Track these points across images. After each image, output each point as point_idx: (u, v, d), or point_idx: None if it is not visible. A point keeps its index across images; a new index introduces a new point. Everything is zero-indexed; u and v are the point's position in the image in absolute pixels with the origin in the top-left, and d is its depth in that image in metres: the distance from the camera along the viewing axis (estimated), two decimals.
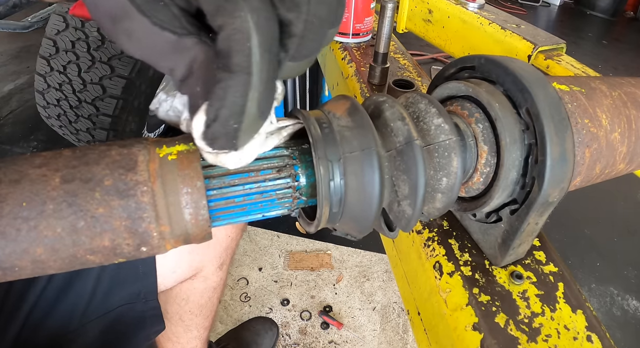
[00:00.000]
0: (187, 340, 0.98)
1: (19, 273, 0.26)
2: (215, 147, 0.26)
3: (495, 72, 0.37)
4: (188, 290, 0.92)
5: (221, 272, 0.96)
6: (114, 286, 0.75)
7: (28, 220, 0.25)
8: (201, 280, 0.92)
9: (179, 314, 0.93)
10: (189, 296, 0.92)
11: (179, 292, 0.91)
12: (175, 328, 0.95)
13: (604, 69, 3.51)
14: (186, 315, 0.94)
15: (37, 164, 0.27)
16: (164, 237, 0.28)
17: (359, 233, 0.36)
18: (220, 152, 0.27)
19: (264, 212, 0.33)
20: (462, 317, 0.37)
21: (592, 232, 1.94)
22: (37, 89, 1.50)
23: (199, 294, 0.93)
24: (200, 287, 0.92)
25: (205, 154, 0.28)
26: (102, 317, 0.74)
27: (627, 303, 1.65)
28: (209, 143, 0.25)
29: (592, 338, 0.36)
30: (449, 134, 0.34)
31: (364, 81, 0.72)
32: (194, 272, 0.89)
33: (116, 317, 0.76)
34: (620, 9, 4.65)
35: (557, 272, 0.42)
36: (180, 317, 0.94)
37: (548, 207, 0.36)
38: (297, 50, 0.26)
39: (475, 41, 0.81)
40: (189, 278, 0.90)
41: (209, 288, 0.94)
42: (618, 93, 0.41)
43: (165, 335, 0.97)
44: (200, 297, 0.94)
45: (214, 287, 0.95)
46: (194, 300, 0.93)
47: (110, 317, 0.75)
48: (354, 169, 0.31)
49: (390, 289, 1.61)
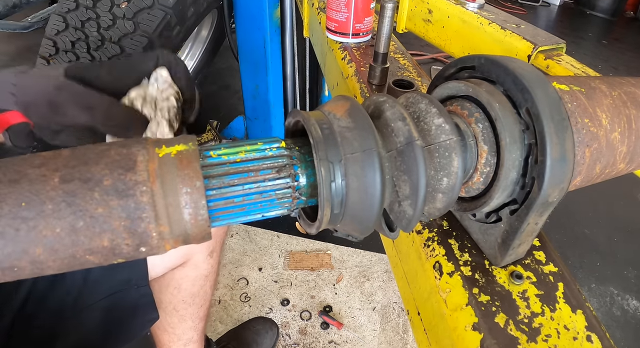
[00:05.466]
0: (182, 331, 0.98)
1: (17, 274, 0.26)
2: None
3: (495, 72, 0.37)
4: (180, 279, 0.92)
5: (212, 260, 0.97)
6: (104, 273, 0.77)
7: (27, 220, 0.25)
8: (192, 268, 0.93)
9: (172, 304, 0.94)
10: (181, 284, 0.93)
11: (170, 281, 0.92)
12: (170, 318, 0.96)
13: (604, 69, 3.51)
14: (180, 305, 0.95)
15: (37, 164, 0.27)
16: (163, 237, 0.28)
17: (360, 234, 0.36)
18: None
19: (264, 212, 0.33)
20: (462, 317, 0.37)
21: (592, 232, 1.94)
22: None
23: (191, 282, 0.94)
24: (191, 275, 0.93)
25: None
26: (96, 305, 0.75)
27: (627, 303, 1.65)
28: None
29: (592, 338, 0.36)
30: (450, 134, 0.34)
31: (364, 81, 0.72)
32: (183, 260, 0.90)
33: (109, 304, 0.77)
34: (620, 9, 4.65)
35: (557, 272, 0.41)
36: (174, 306, 0.95)
37: (548, 207, 0.36)
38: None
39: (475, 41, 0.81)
40: (179, 266, 0.91)
41: (200, 276, 0.95)
42: (618, 93, 0.41)
43: (161, 326, 0.97)
44: (192, 285, 0.94)
45: (205, 274, 0.96)
46: (186, 288, 0.94)
47: (103, 304, 0.76)
48: (355, 170, 0.31)
49: (390, 289, 1.61)
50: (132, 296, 0.80)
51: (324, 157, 0.31)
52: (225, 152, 0.31)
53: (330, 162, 0.31)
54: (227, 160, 0.31)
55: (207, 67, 2.20)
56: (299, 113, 0.34)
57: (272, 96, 1.81)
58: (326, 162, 0.31)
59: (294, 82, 1.73)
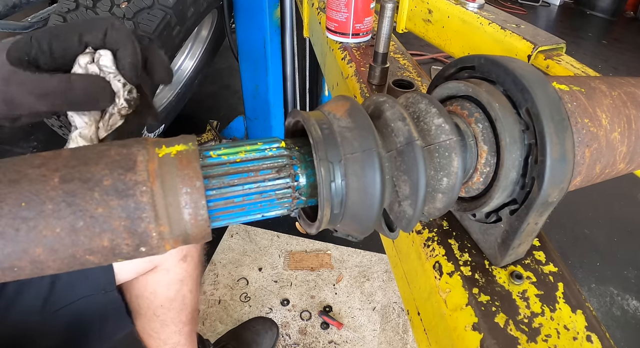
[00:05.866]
0: (167, 335, 0.98)
1: (17, 274, 0.26)
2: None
3: (495, 72, 0.37)
4: (154, 283, 0.92)
5: (185, 265, 0.95)
6: (72, 279, 0.77)
7: (27, 220, 0.25)
8: (163, 273, 0.92)
9: (151, 309, 0.94)
10: (156, 289, 0.92)
11: (145, 286, 0.92)
12: (152, 323, 0.96)
13: (604, 69, 3.51)
14: (159, 310, 0.94)
15: (37, 164, 0.27)
16: (163, 237, 0.28)
17: (360, 234, 0.36)
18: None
19: (264, 212, 0.33)
20: (462, 317, 0.37)
21: (592, 232, 1.94)
22: None
23: (165, 287, 0.93)
24: (163, 279, 0.92)
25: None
26: (63, 310, 0.76)
27: (627, 303, 1.65)
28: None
29: (591, 338, 0.36)
30: (450, 134, 0.34)
31: (363, 81, 0.72)
32: (152, 265, 0.89)
33: (78, 309, 0.77)
34: (620, 9, 4.65)
35: (557, 272, 0.42)
36: (154, 311, 0.94)
37: (548, 207, 0.36)
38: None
39: (475, 41, 0.81)
40: (150, 271, 0.90)
41: (175, 281, 0.94)
42: (618, 93, 0.41)
43: (145, 331, 0.97)
44: (167, 290, 0.93)
45: (179, 279, 0.95)
46: (162, 293, 0.93)
47: (72, 309, 0.76)
48: (355, 170, 0.31)
49: (390, 289, 1.61)
50: (100, 301, 0.80)
51: (323, 157, 0.31)
52: (225, 152, 0.31)
53: (330, 162, 0.31)
54: (227, 160, 0.31)
55: (207, 67, 2.20)
56: (299, 113, 0.34)
57: (272, 96, 1.81)
58: (326, 162, 0.31)
59: (294, 82, 1.73)
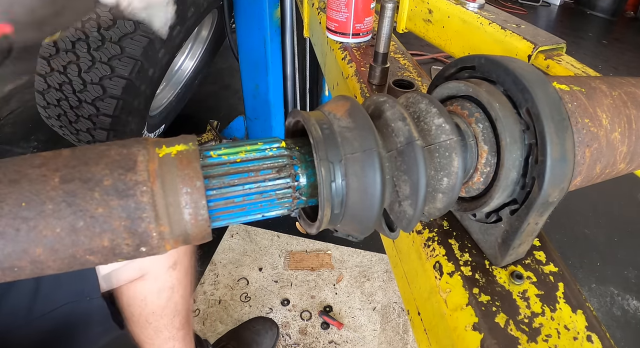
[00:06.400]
0: (161, 341, 0.98)
1: (18, 274, 0.26)
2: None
3: (496, 72, 0.37)
4: (144, 290, 0.92)
5: (175, 272, 0.94)
6: (56, 285, 0.77)
7: (27, 220, 0.25)
8: (152, 281, 0.92)
9: (143, 316, 0.94)
10: (146, 296, 0.92)
11: (135, 293, 0.92)
12: (145, 330, 0.96)
13: (604, 69, 3.51)
14: (150, 317, 0.94)
15: (37, 164, 0.27)
16: (163, 237, 0.28)
17: (360, 234, 0.36)
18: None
19: (264, 212, 0.33)
20: (462, 317, 0.37)
21: (592, 232, 1.94)
22: (37, 89, 1.50)
23: (155, 295, 0.93)
24: (153, 287, 0.92)
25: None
26: (48, 316, 0.76)
27: (627, 303, 1.65)
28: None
29: (592, 338, 0.36)
30: (450, 134, 0.34)
31: (364, 81, 0.72)
32: (140, 272, 0.89)
33: (62, 315, 0.77)
34: (620, 9, 4.65)
35: (557, 272, 0.41)
36: (146, 318, 0.94)
37: (548, 207, 0.36)
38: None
39: (475, 41, 0.81)
40: (139, 279, 0.90)
41: (165, 289, 0.94)
42: (618, 93, 0.41)
43: (140, 338, 0.98)
44: (157, 297, 0.93)
45: (169, 286, 0.94)
46: (152, 301, 0.93)
47: (56, 315, 0.77)
48: (356, 170, 0.31)
49: (391, 289, 1.61)
50: (84, 307, 0.80)
51: (324, 157, 0.31)
52: (226, 152, 0.31)
53: (330, 162, 0.31)
54: (227, 160, 0.31)
55: (207, 67, 2.20)
56: (299, 113, 0.34)
57: (272, 96, 1.81)
58: (326, 162, 0.31)
59: (294, 82, 1.73)
